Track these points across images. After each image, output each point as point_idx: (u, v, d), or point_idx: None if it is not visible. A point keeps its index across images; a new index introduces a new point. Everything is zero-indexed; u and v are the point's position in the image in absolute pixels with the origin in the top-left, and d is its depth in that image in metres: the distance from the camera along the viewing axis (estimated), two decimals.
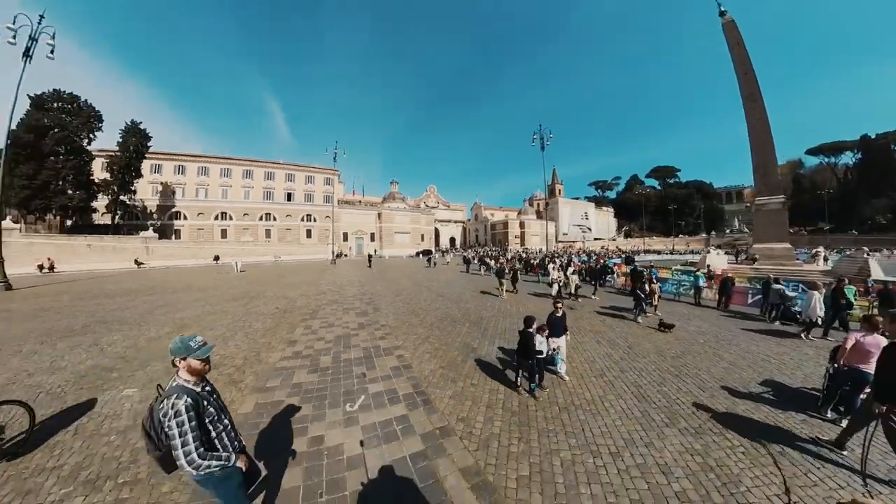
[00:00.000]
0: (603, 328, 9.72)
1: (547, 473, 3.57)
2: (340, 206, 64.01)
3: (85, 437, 4.24)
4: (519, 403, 5.16)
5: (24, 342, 8.12)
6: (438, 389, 5.64)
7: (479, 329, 9.39)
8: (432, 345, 8.01)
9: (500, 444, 4.09)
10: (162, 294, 15.86)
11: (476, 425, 4.53)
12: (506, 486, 3.38)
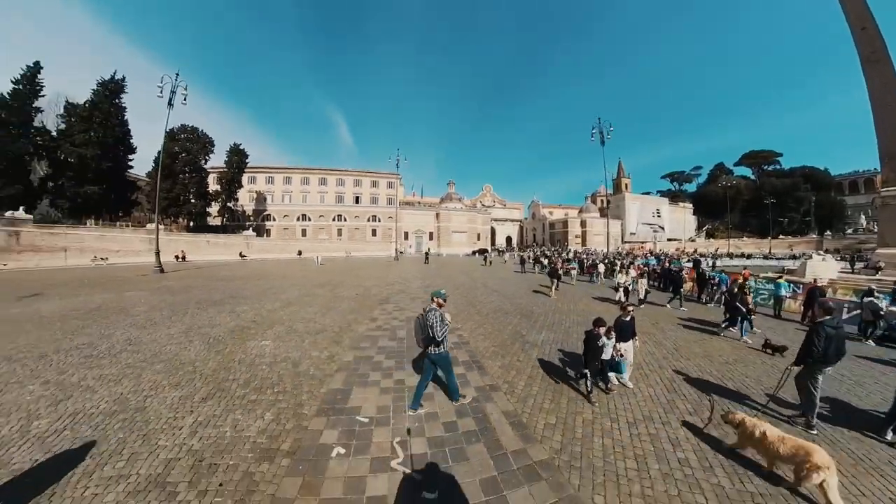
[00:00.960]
0: (682, 341, 8.45)
1: (569, 426, 4.47)
2: (402, 208, 68.20)
3: (245, 365, 6.35)
4: (556, 377, 6.13)
5: (187, 307, 11.30)
6: (490, 360, 6.83)
7: (528, 321, 10.17)
8: (486, 329, 9.20)
9: (535, 402, 5.13)
10: (266, 280, 19.63)
11: (518, 387, 5.61)
12: (535, 426, 4.43)
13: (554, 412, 4.84)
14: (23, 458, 3.57)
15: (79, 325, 9.09)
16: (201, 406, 4.79)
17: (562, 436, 4.24)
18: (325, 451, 3.83)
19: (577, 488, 3.31)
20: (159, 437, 4.04)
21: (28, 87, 36.52)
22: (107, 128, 40.48)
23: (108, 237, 35.25)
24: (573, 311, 11.86)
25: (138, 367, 6.16)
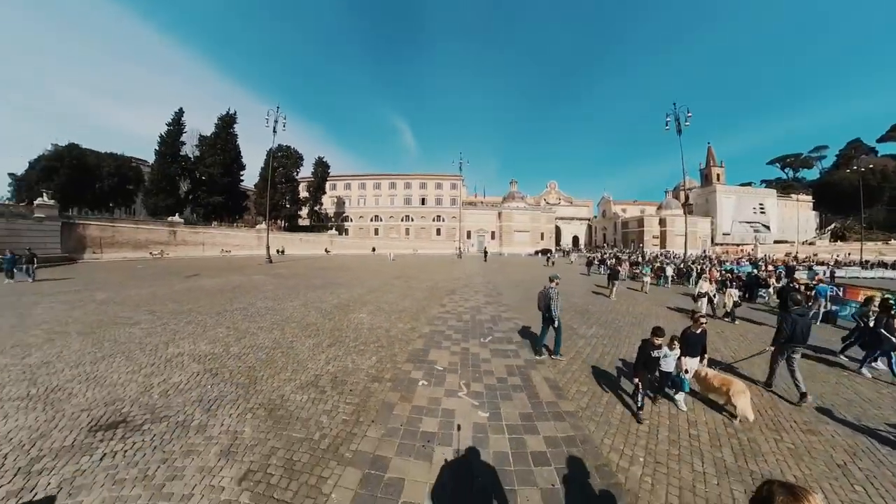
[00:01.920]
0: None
1: (597, 394, 5.21)
2: (464, 208, 70.16)
3: (352, 328, 8.36)
4: (597, 364, 6.88)
5: (299, 289, 14.30)
6: None
7: (581, 317, 10.49)
8: (541, 322, 9.96)
9: (572, 375, 5.93)
10: (351, 271, 22.91)
11: (560, 364, 6.44)
12: (568, 391, 5.30)
13: (587, 384, 5.61)
14: (232, 366, 5.83)
15: (231, 296, 12.45)
16: (329, 350, 6.79)
17: (589, 399, 5.04)
18: (414, 382, 5.37)
19: (590, 431, 4.15)
20: (307, 363, 6.05)
21: (175, 128, 48.09)
22: (225, 152, 50.95)
23: (230, 235, 43.84)
24: (630, 314, 11.55)
25: (280, 324, 8.62)
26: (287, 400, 4.71)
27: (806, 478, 3.46)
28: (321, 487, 3.09)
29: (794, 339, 5.33)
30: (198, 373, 5.53)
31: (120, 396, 4.68)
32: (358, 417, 4.30)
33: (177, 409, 4.35)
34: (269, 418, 4.21)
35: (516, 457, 3.61)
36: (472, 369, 6.02)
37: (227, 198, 51.70)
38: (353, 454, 3.58)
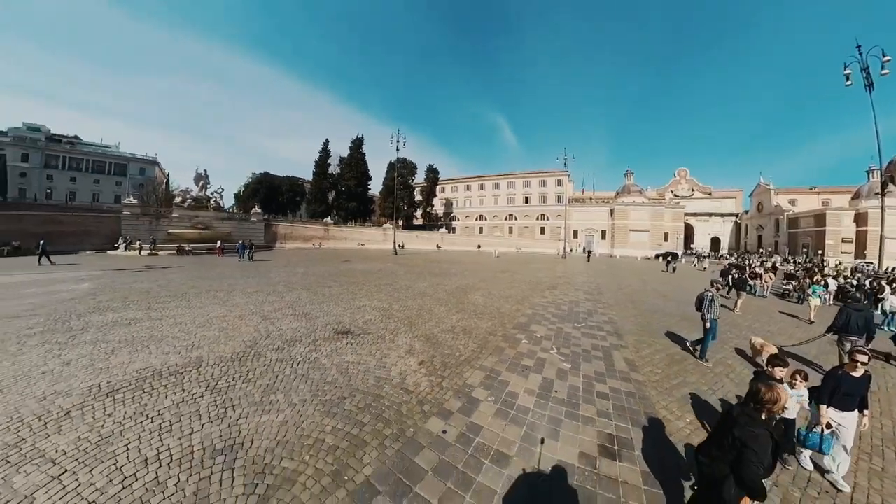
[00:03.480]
0: None
1: (668, 375, 5.99)
2: (570, 205, 66.87)
3: (471, 304, 10.82)
4: (685, 363, 7.44)
5: (423, 275, 17.87)
6: (628, 336, 8.33)
7: (688, 323, 9.61)
8: (637, 321, 9.93)
9: (650, 360, 6.73)
10: (461, 264, 26.15)
11: (643, 353, 7.15)
12: (642, 368, 6.23)
13: (662, 367, 6.30)
14: (398, 316, 8.89)
15: (378, 276, 16.76)
16: (457, 314, 9.41)
17: (660, 378, 5.83)
18: (518, 340, 7.36)
19: (652, 397, 5.08)
20: (444, 319, 8.74)
21: (323, 154, 63.16)
22: (357, 167, 63.60)
23: (363, 232, 53.97)
24: (752, 330, 9.71)
25: (418, 296, 11.79)
26: (436, 336, 7.39)
27: None
28: (463, 375, 5.43)
29: (850, 330, 6.20)
30: (378, 316, 8.82)
31: (341, 321, 8.16)
32: (480, 350, 6.59)
33: (374, 330, 7.49)
34: (428, 342, 6.90)
35: (585, 390, 5.21)
36: (563, 340, 7.64)
37: (359, 203, 64.36)
38: (478, 366, 5.84)
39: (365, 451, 3.44)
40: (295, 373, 5.23)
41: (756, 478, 2.11)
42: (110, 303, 10.02)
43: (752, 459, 2.12)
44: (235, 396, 4.42)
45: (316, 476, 3.05)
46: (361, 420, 3.97)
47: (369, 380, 5.07)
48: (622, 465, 3.48)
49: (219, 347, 6.22)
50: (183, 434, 3.57)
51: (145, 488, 2.83)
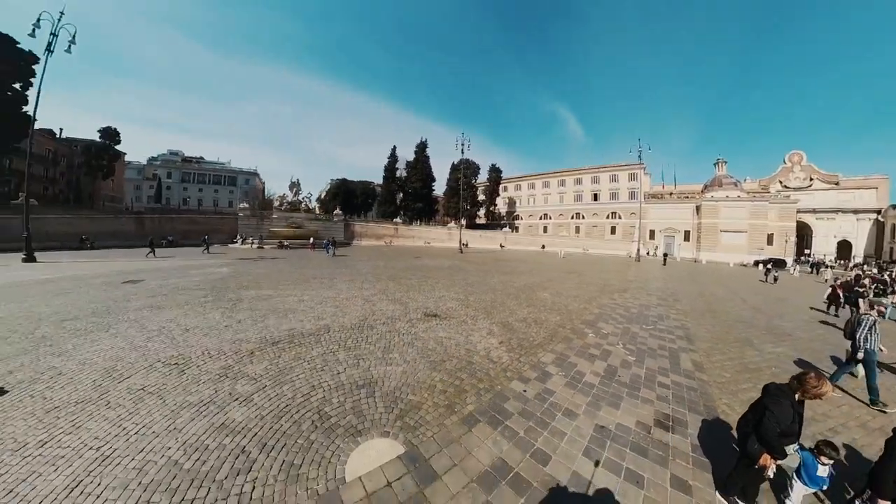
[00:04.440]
0: None
1: (737, 381, 6.01)
2: (646, 202, 61.02)
3: (540, 301, 11.54)
4: (759, 373, 7.19)
5: (491, 273, 18.88)
6: (701, 342, 8.09)
7: (772, 336, 8.88)
8: (713, 329, 9.35)
9: (720, 366, 6.70)
10: (526, 263, 26.56)
11: (713, 358, 7.05)
12: (710, 370, 6.33)
13: (731, 373, 6.21)
14: (475, 305, 10.08)
15: (449, 272, 18.26)
16: (527, 308, 10.32)
17: (727, 381, 5.83)
18: (585, 334, 8.00)
19: (714, 395, 5.25)
20: (516, 311, 9.72)
21: (391, 159, 68.02)
22: (422, 170, 67.31)
23: (430, 231, 57.03)
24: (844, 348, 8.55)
25: (490, 291, 12.90)
26: (511, 323, 8.45)
27: None
28: (536, 355, 6.39)
29: None
30: (458, 305, 10.17)
31: (428, 307, 9.65)
32: (551, 338, 7.45)
33: (457, 316, 8.80)
34: (504, 328, 7.98)
35: (647, 378, 5.72)
36: (630, 338, 8.01)
37: (424, 204, 68.15)
38: (550, 350, 6.72)
39: (466, 395, 4.67)
40: (402, 340, 6.75)
41: (772, 434, 2.71)
42: (248, 283, 13.13)
43: (770, 419, 2.73)
44: (362, 353, 6.03)
45: (434, 406, 4.36)
46: (460, 376, 5.23)
47: (461, 350, 6.34)
48: (674, 436, 4.10)
49: (339, 319, 8.12)
50: (332, 373, 5.19)
51: (321, 399, 4.43)
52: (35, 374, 5.00)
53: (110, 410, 4.11)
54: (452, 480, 3.08)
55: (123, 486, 2.96)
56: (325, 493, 2.88)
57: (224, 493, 2.91)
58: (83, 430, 3.74)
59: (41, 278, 14.22)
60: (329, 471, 3.13)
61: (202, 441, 3.54)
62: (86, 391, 4.53)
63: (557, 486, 3.11)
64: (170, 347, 6.09)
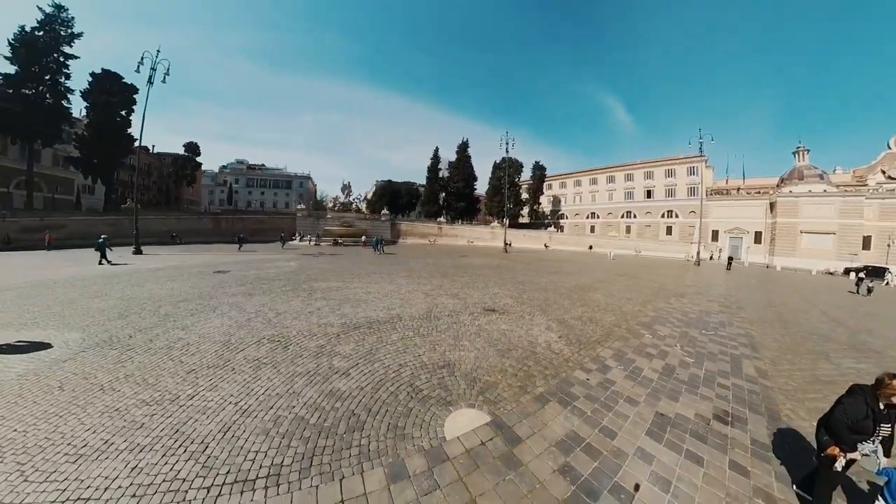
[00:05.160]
0: None
1: (804, 388, 5.83)
2: (708, 199, 55.55)
3: (593, 302, 11.61)
4: (827, 383, 6.71)
5: (540, 273, 19.03)
6: (766, 351, 7.74)
7: (854, 353, 8.17)
8: (783, 340, 8.80)
9: (787, 373, 6.47)
10: (573, 264, 26.12)
11: (781, 367, 6.83)
12: (774, 378, 6.18)
13: (799, 382, 5.98)
14: (529, 303, 10.51)
15: (498, 271, 18.75)
16: (581, 307, 10.59)
17: (793, 390, 5.69)
18: (641, 334, 8.13)
19: (778, 400, 5.20)
20: (570, 310, 10.02)
21: (434, 160, 69.69)
22: (464, 169, 68.14)
23: (473, 230, 57.73)
24: None
25: (541, 290, 13.23)
26: (566, 321, 8.87)
27: None
28: (595, 350, 6.77)
29: None
30: (513, 302, 10.74)
31: (485, 302, 10.32)
32: (607, 336, 7.74)
33: (514, 311, 9.37)
34: (561, 325, 8.43)
35: (706, 379, 5.83)
36: (688, 341, 7.98)
37: (466, 203, 68.92)
38: (607, 346, 7.03)
39: (535, 379, 5.28)
40: (469, 331, 7.51)
41: (839, 425, 2.85)
42: (315, 276, 14.72)
43: (840, 410, 2.90)
44: (435, 340, 6.82)
45: (508, 386, 5.00)
46: (527, 363, 5.84)
47: (523, 342, 6.94)
48: (733, 429, 4.32)
49: (407, 310, 9.06)
50: (413, 355, 6.01)
51: (410, 375, 5.25)
52: (169, 342, 6.36)
53: (237, 375, 5.13)
54: (534, 444, 3.71)
55: (265, 433, 3.73)
56: (430, 448, 3.58)
57: (346, 443, 3.61)
58: (219, 389, 4.70)
59: (151, 267, 17.14)
60: (430, 431, 3.86)
61: (318, 403, 4.38)
62: (212, 358, 5.70)
63: (625, 455, 3.55)
64: (269, 327, 7.34)
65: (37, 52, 36.70)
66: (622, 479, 3.25)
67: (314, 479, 3.14)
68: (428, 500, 2.83)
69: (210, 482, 3.12)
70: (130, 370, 5.27)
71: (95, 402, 4.43)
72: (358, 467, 3.25)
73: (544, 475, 3.21)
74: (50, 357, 5.70)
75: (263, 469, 3.25)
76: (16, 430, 3.83)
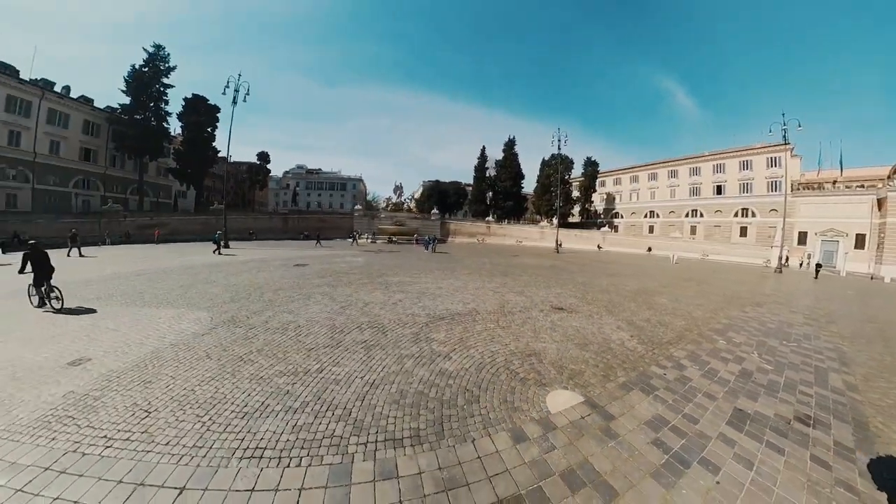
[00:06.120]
0: None
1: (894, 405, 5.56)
2: (795, 194, 48.62)
3: (659, 306, 11.58)
4: None
5: (597, 275, 18.90)
6: (859, 368, 7.13)
7: None
8: (882, 359, 7.81)
9: (882, 391, 6.20)
10: (631, 267, 25.31)
11: (874, 383, 6.59)
12: (865, 393, 5.98)
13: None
14: (594, 302, 10.87)
15: (553, 272, 19.01)
16: (647, 311, 10.71)
17: (889, 406, 5.38)
18: (716, 341, 8.17)
19: (867, 413, 5.02)
20: (636, 313, 10.20)
21: (481, 159, 71.10)
22: (511, 168, 68.33)
23: (522, 229, 57.74)
24: None
25: (603, 292, 13.36)
26: (636, 322, 9.20)
27: None
28: (668, 350, 7.12)
29: None
30: (578, 302, 11.15)
31: (551, 301, 10.88)
32: (679, 339, 8.00)
33: (581, 311, 9.85)
34: (631, 326, 8.81)
35: (786, 385, 5.88)
36: (767, 350, 7.75)
37: (513, 202, 68.88)
38: (680, 348, 7.33)
39: (615, 370, 5.91)
40: (543, 325, 8.27)
41: None
42: (384, 270, 16.35)
43: None
44: (516, 332, 7.67)
45: (593, 374, 5.70)
46: (605, 357, 6.47)
47: (598, 338, 7.53)
48: (814, 431, 4.43)
49: (481, 305, 10.00)
50: (501, 344, 6.89)
51: (504, 361, 6.12)
52: (282, 324, 7.56)
53: (352, 354, 5.94)
54: (626, 422, 4.38)
55: (395, 402, 4.39)
56: (539, 419, 4.33)
57: (468, 413, 4.26)
58: (342, 365, 5.44)
59: (241, 259, 20.14)
60: (535, 406, 4.61)
61: (432, 380, 5.06)
62: (325, 339, 6.63)
63: (708, 437, 4.08)
64: (362, 315, 8.57)
65: (144, 85, 45.46)
66: (708, 454, 3.80)
67: (449, 440, 3.74)
68: (549, 456, 3.59)
69: (364, 439, 3.69)
70: (259, 345, 6.25)
71: (241, 370, 5.22)
72: (484, 431, 3.91)
73: (640, 445, 3.88)
74: (190, 330, 6.98)
75: (406, 430, 3.86)
76: (185, 388, 4.65)
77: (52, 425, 3.82)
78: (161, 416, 4.04)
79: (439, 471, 3.28)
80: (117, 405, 4.25)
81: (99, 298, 9.63)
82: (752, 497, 3.21)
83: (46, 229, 31.06)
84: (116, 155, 47.16)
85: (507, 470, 3.32)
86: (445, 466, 3.34)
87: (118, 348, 6.07)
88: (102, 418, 3.97)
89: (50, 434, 3.67)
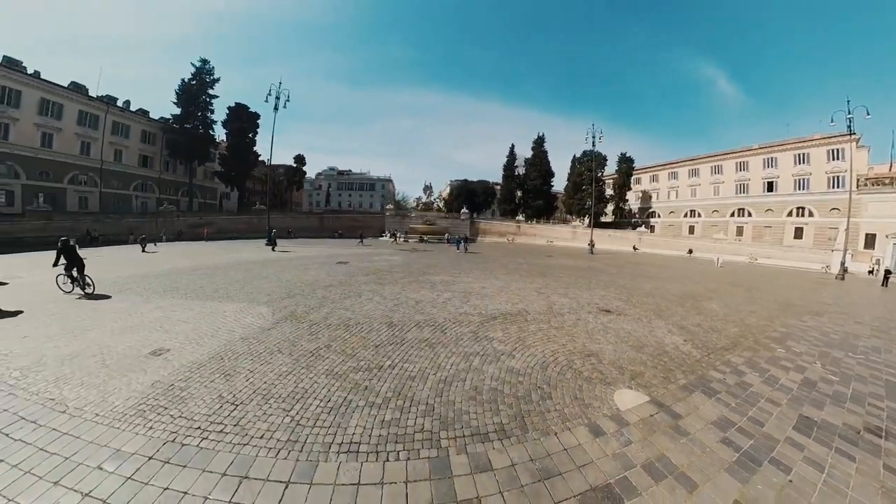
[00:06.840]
0: None
1: None
2: (861, 191, 42.99)
3: (710, 312, 11.38)
4: None
5: (637, 277, 18.55)
6: None
7: None
8: None
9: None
10: (672, 270, 24.43)
11: None
12: None
13: None
14: (639, 305, 10.87)
15: (592, 273, 18.96)
16: (697, 316, 10.50)
17: None
18: (773, 349, 8.01)
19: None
20: (686, 318, 10.12)
21: (510, 158, 70.87)
22: (540, 166, 67.37)
23: (553, 229, 56.91)
24: None
25: (648, 296, 13.20)
26: (687, 327, 9.16)
27: None
28: (724, 356, 7.15)
29: None
30: (624, 304, 11.17)
31: (596, 303, 11.00)
32: (734, 346, 7.94)
33: (629, 314, 9.91)
34: (682, 330, 8.81)
35: (853, 397, 5.77)
36: (831, 361, 7.40)
37: (543, 201, 67.96)
38: (736, 354, 7.32)
39: (674, 373, 6.10)
40: (595, 327, 8.50)
41: None
42: (423, 269, 17.09)
43: None
44: (570, 333, 7.96)
45: (653, 376, 5.93)
46: (662, 360, 6.66)
47: (651, 341, 7.69)
48: (887, 443, 4.38)
49: (530, 305, 10.37)
50: (559, 343, 7.19)
51: (566, 360, 6.45)
52: (341, 320, 7.90)
53: (418, 351, 6.16)
54: (693, 421, 4.61)
55: (472, 399, 4.65)
56: (612, 415, 4.48)
57: (543, 407, 4.53)
58: (412, 362, 5.69)
59: (287, 257, 21.56)
60: (605, 403, 4.85)
61: (502, 377, 5.33)
62: (387, 336, 6.85)
63: (776, 440, 4.27)
64: (417, 314, 8.98)
65: (192, 96, 50.56)
66: (778, 455, 4.00)
67: (532, 433, 3.95)
68: (628, 449, 3.88)
69: (452, 434, 3.84)
70: (325, 341, 6.43)
71: (315, 365, 5.34)
72: (563, 425, 4.17)
73: (711, 443, 4.13)
74: (256, 325, 7.20)
75: (490, 426, 4.05)
76: (265, 382, 4.83)
77: (147, 414, 4.04)
78: (248, 409, 4.19)
79: (531, 462, 3.53)
80: (203, 396, 4.44)
81: (166, 291, 10.55)
82: (825, 497, 3.40)
83: (114, 227, 34.97)
84: (169, 160, 52.93)
85: (593, 461, 3.66)
86: (536, 458, 3.59)
87: (193, 339, 6.39)
88: (192, 409, 4.16)
89: (146, 423, 3.87)
